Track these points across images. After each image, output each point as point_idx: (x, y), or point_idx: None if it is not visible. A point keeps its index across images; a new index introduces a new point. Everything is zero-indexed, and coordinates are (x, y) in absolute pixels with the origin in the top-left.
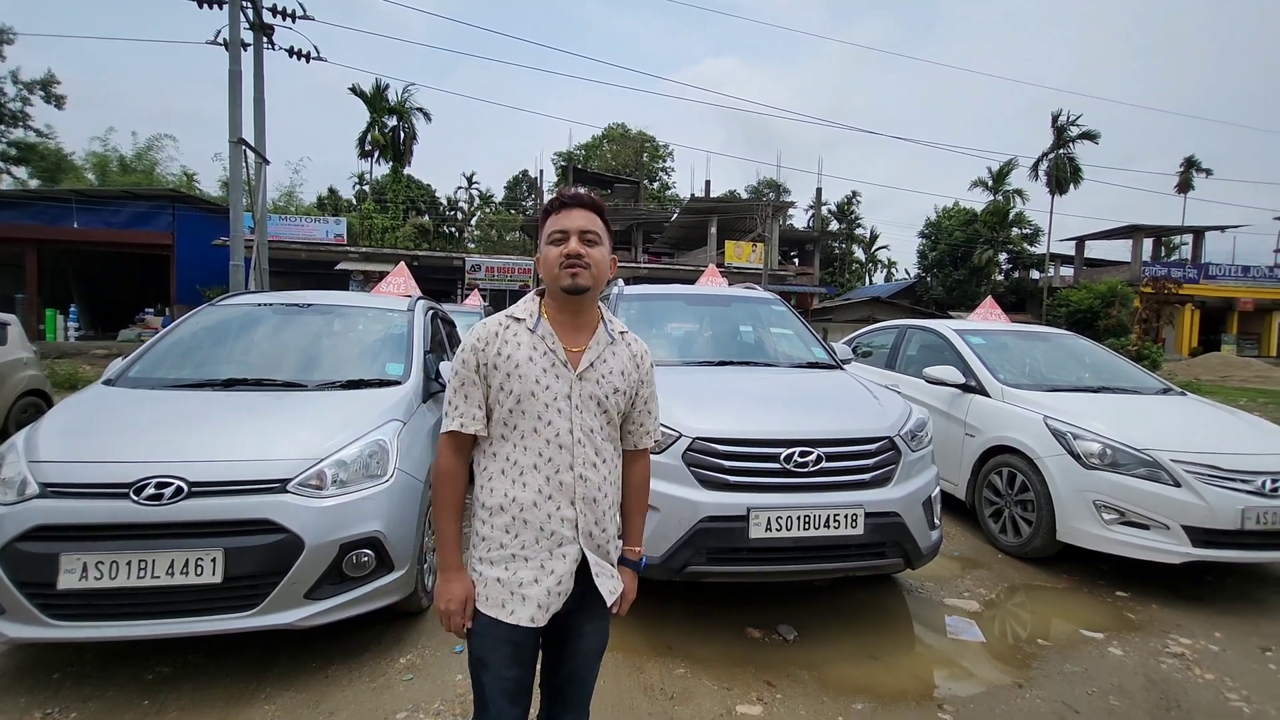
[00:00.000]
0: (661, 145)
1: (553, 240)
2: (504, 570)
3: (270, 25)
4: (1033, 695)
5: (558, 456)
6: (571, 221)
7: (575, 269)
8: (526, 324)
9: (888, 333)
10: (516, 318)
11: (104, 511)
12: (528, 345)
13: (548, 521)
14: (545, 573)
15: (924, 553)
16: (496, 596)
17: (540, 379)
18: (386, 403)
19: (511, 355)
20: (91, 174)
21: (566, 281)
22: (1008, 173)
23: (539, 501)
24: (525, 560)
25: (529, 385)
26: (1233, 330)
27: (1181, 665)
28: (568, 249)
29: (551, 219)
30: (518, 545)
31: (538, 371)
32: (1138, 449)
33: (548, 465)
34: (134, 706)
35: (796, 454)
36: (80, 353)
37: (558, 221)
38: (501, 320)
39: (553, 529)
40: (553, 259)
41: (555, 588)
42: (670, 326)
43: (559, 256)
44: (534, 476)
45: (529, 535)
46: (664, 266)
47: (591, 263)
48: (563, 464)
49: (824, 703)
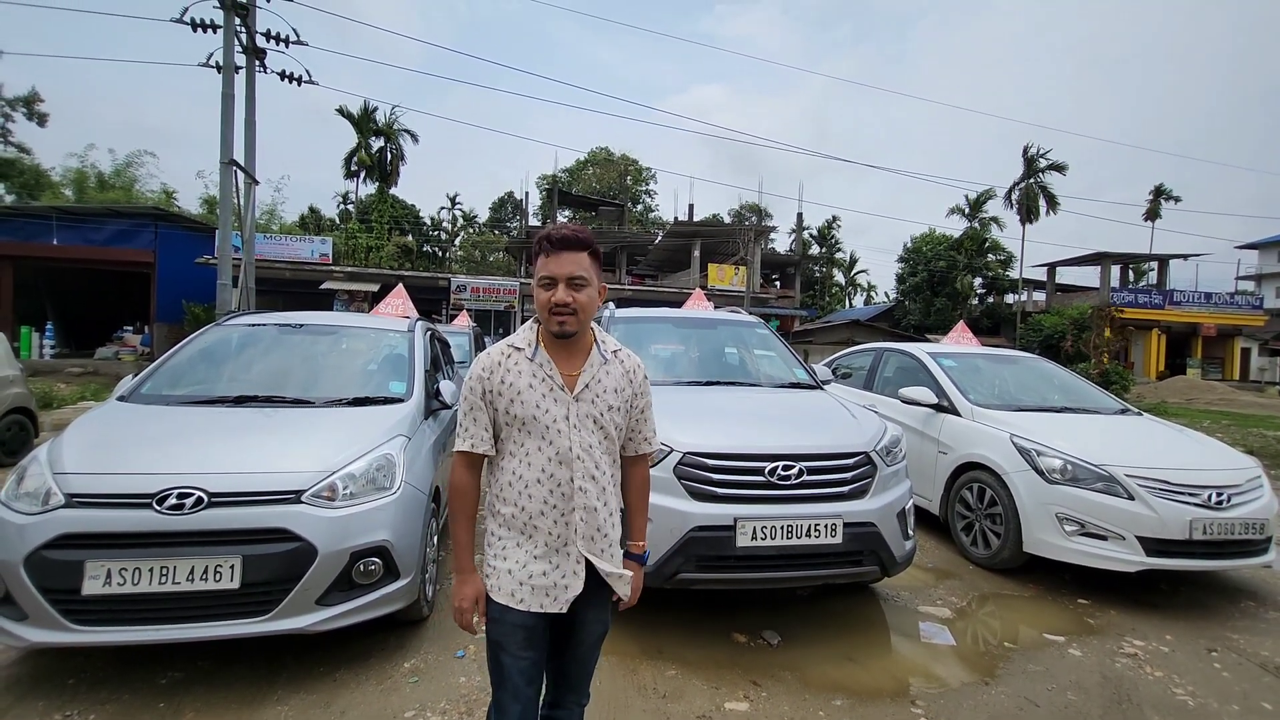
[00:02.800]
0: (645, 169)
1: (542, 284)
2: (515, 564)
3: (263, 49)
4: (998, 691)
5: (559, 472)
6: (560, 268)
7: (563, 318)
8: (525, 353)
9: (866, 355)
10: (517, 347)
11: (128, 520)
12: (528, 373)
13: (554, 527)
14: (553, 568)
15: (899, 561)
16: (507, 587)
17: (540, 403)
18: (391, 419)
19: (513, 383)
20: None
21: (554, 329)
22: (984, 201)
23: (545, 510)
24: (534, 559)
25: (530, 410)
26: (1197, 354)
27: (1134, 664)
28: (555, 297)
29: (540, 261)
30: (530, 545)
31: (537, 397)
32: (1095, 464)
33: (550, 480)
34: (150, 709)
35: (780, 468)
36: (55, 370)
37: (546, 266)
38: (503, 350)
39: (558, 533)
40: (543, 303)
41: (560, 580)
42: (659, 348)
43: (548, 303)
44: (539, 489)
45: (539, 539)
46: (648, 289)
47: (579, 308)
48: (564, 478)
49: (806, 700)
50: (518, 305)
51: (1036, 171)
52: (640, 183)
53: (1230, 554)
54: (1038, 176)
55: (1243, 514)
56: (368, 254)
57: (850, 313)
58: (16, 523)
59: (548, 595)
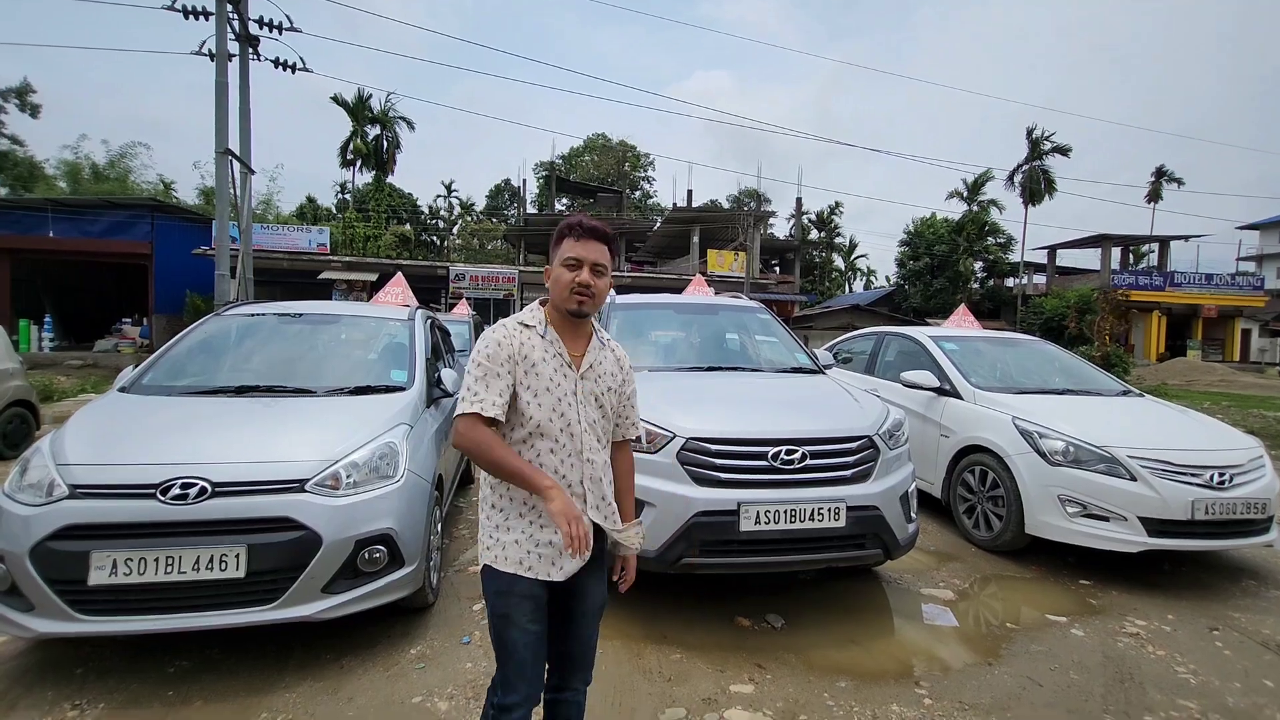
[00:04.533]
0: (642, 155)
1: (567, 264)
2: (521, 535)
3: (256, 37)
4: (1001, 672)
5: (570, 443)
6: (587, 253)
7: (583, 298)
8: (537, 330)
9: (867, 339)
10: (527, 324)
11: (132, 511)
12: (540, 348)
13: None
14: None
15: (901, 544)
16: (515, 556)
17: (553, 377)
18: (394, 407)
19: (528, 355)
20: (64, 182)
21: (573, 306)
22: (983, 184)
23: (556, 480)
24: (540, 528)
25: (544, 381)
26: (1198, 336)
27: (1136, 644)
28: (580, 278)
29: (568, 243)
30: (534, 515)
31: (550, 370)
32: (1098, 446)
33: (561, 450)
34: (159, 697)
35: (783, 452)
36: (54, 363)
37: (574, 249)
38: (515, 325)
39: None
40: (565, 282)
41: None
42: (661, 334)
43: (571, 282)
44: (550, 459)
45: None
46: (647, 275)
47: (596, 292)
48: (573, 449)
49: (810, 682)
50: (517, 294)
51: (1041, 154)
52: (638, 169)
53: (1232, 534)
54: (1041, 159)
55: (1245, 494)
56: (365, 243)
57: (850, 297)
58: (21, 514)
59: (553, 564)
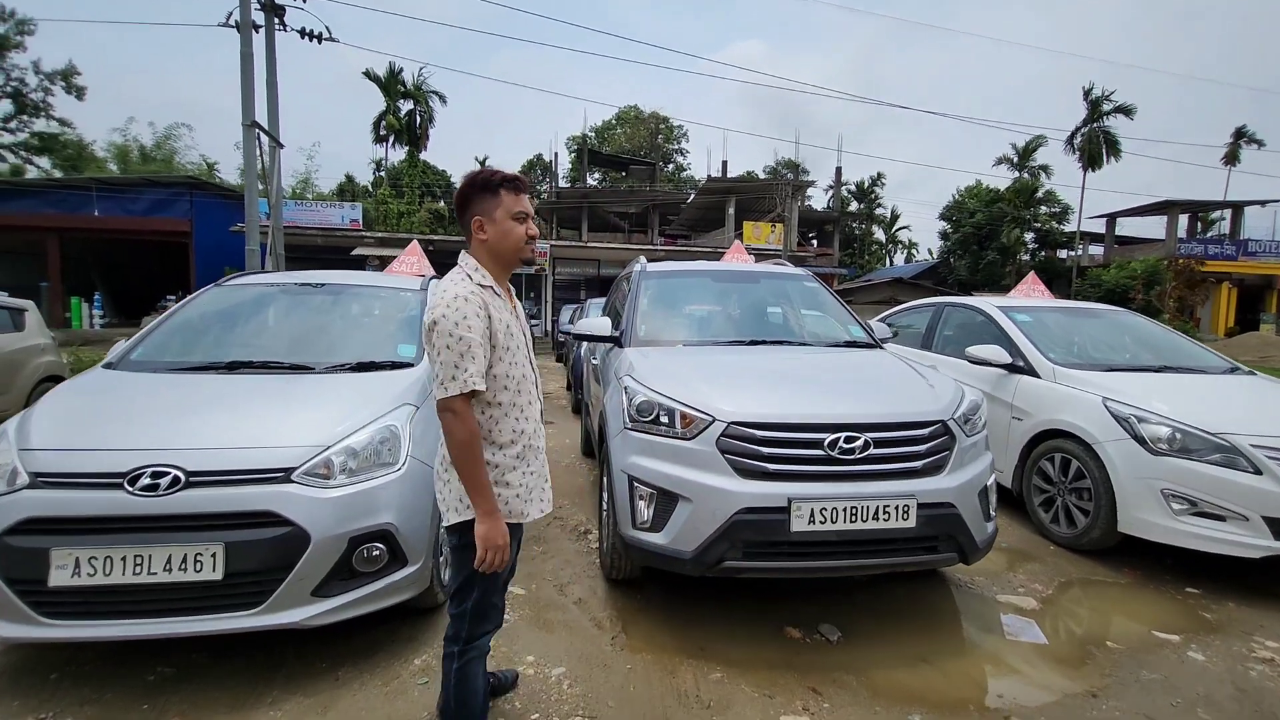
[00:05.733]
0: (676, 126)
1: (516, 218)
2: (522, 488)
3: (281, 6)
4: (1110, 706)
5: (534, 393)
6: (529, 206)
7: (534, 249)
8: (494, 289)
9: (921, 312)
10: (484, 284)
11: (96, 503)
12: (502, 308)
13: (540, 442)
14: (542, 480)
15: (979, 546)
16: (512, 505)
17: (516, 334)
18: (398, 386)
19: (501, 317)
20: (113, 164)
21: (528, 255)
22: (1034, 149)
23: (537, 430)
24: (532, 474)
25: (518, 339)
26: (1272, 309)
27: (1274, 672)
28: (531, 230)
29: (512, 198)
30: (524, 465)
31: (518, 329)
32: (1212, 433)
33: (530, 405)
34: (133, 709)
35: (842, 439)
36: (104, 340)
37: (520, 203)
38: (476, 289)
39: (540, 447)
40: (519, 236)
41: (548, 486)
42: (696, 304)
43: (524, 235)
44: (530, 410)
45: (532, 456)
46: (681, 249)
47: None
48: (536, 399)
49: (876, 712)
50: (548, 268)
51: (1100, 114)
52: (671, 141)
53: None
54: (1101, 119)
55: None
56: (399, 220)
57: (892, 270)
58: None
59: (542, 503)
